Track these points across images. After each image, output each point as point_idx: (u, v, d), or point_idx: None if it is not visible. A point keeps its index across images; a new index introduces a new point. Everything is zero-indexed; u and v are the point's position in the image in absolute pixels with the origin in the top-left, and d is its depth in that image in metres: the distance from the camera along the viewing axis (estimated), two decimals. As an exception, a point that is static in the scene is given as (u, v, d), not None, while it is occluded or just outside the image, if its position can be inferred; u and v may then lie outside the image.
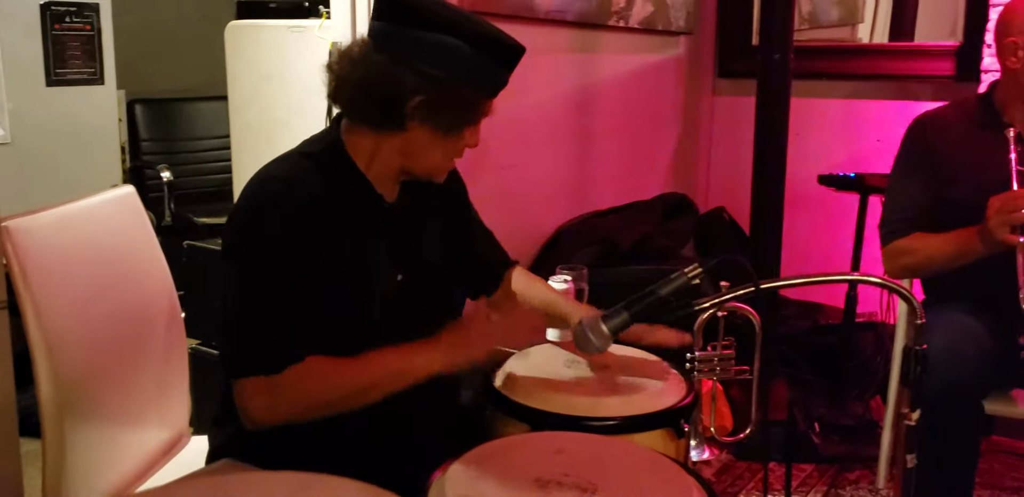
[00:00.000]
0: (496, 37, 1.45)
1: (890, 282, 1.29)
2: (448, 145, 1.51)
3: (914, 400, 1.28)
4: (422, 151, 1.50)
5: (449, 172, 1.69)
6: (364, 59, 1.45)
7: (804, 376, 3.26)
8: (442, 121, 1.46)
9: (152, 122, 4.35)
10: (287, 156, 1.53)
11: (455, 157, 1.56)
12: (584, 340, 1.37)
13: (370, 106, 1.47)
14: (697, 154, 4.03)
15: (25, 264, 1.50)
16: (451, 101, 1.44)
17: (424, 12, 1.42)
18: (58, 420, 1.53)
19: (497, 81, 1.48)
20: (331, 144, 1.53)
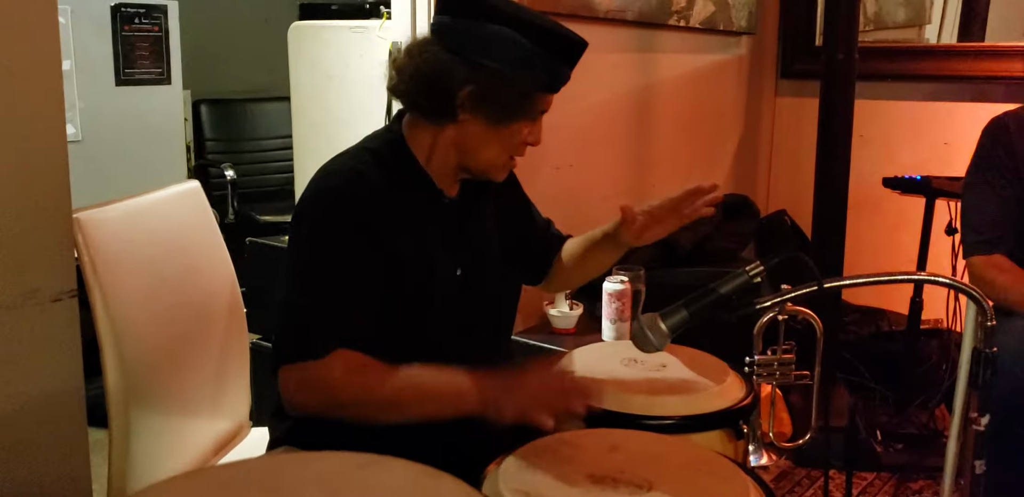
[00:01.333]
0: (555, 30, 1.44)
1: (959, 283, 1.26)
2: (503, 139, 1.49)
3: (983, 404, 1.24)
4: (476, 145, 1.49)
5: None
6: (421, 50, 1.47)
7: (866, 383, 3.19)
8: (493, 112, 1.45)
9: (217, 122, 4.43)
10: (350, 150, 1.55)
11: (514, 155, 1.54)
12: (642, 338, 1.36)
13: (424, 96, 1.47)
14: (758, 156, 3.98)
15: (95, 255, 1.54)
16: (502, 92, 1.43)
17: (483, 4, 1.42)
18: (124, 409, 1.56)
19: (554, 75, 1.46)
20: (393, 139, 1.54)
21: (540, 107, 1.49)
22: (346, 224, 1.44)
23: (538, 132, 1.53)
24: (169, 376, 1.70)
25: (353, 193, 1.45)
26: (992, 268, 2.15)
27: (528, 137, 1.51)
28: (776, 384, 1.96)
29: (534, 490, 1.15)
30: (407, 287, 1.48)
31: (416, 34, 2.54)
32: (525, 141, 1.52)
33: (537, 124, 1.52)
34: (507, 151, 1.52)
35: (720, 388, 1.51)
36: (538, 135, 1.53)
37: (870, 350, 3.25)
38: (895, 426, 3.01)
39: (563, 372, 1.45)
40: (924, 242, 3.00)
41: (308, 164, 3.19)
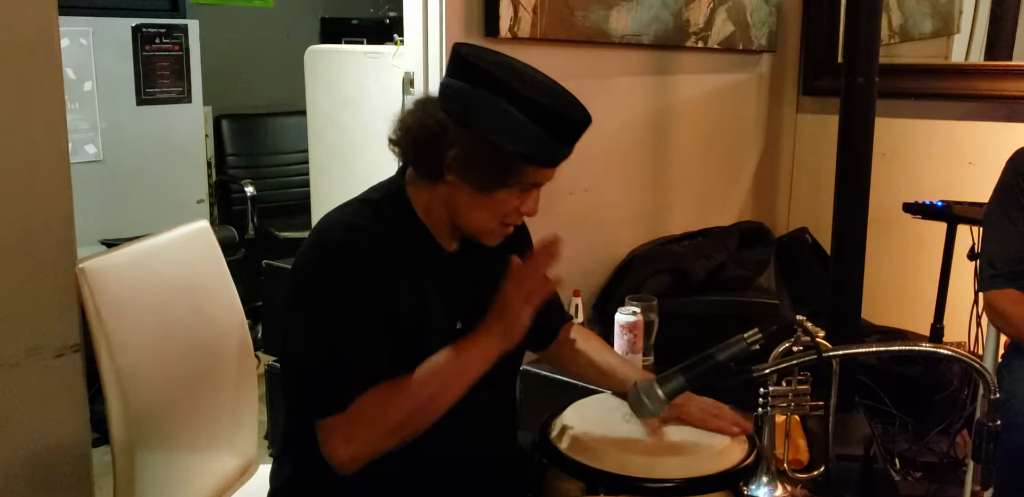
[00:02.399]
0: (554, 109, 1.41)
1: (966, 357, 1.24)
2: (489, 207, 1.47)
3: (986, 478, 1.22)
4: (464, 208, 1.48)
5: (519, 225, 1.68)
6: (421, 108, 1.48)
7: (886, 409, 3.15)
8: (477, 178, 1.44)
9: (237, 137, 4.45)
10: (350, 203, 1.55)
11: (507, 221, 1.52)
12: (639, 404, 1.35)
13: (416, 153, 1.47)
14: (779, 173, 3.94)
15: (100, 304, 1.55)
16: (486, 158, 1.41)
17: (485, 73, 1.40)
18: (129, 455, 1.57)
19: (548, 151, 1.44)
20: (394, 192, 1.54)
21: (532, 180, 1.46)
22: (347, 276, 1.43)
23: (532, 204, 1.50)
24: (176, 420, 1.70)
25: (352, 246, 1.45)
26: (1006, 301, 2.12)
27: (523, 207, 1.49)
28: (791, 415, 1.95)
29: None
30: (405, 340, 1.48)
31: (428, 62, 2.53)
32: (518, 211, 1.50)
33: (530, 196, 1.49)
34: (496, 217, 1.50)
35: (722, 447, 1.49)
36: (532, 206, 1.50)
37: (889, 373, 3.20)
38: (914, 453, 2.96)
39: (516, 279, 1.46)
40: (945, 267, 2.95)
41: (324, 185, 3.21)
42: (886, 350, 1.30)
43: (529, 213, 1.51)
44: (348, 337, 1.42)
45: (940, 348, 1.29)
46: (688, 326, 2.59)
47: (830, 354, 1.27)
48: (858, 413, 3.03)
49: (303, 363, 1.46)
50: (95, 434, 1.70)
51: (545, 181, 1.49)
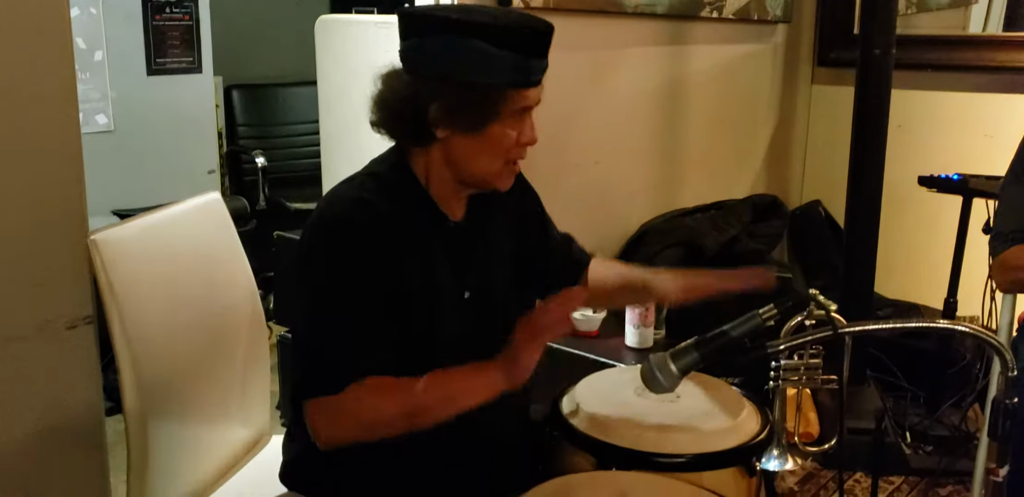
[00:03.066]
0: (507, 26, 1.39)
1: (983, 334, 1.22)
2: (489, 146, 1.44)
3: (1002, 456, 1.21)
4: (464, 158, 1.46)
5: (518, 184, 1.67)
6: (387, 81, 1.46)
7: (898, 383, 3.15)
8: (466, 121, 1.41)
9: (248, 107, 4.42)
10: (353, 178, 1.53)
11: (511, 159, 1.49)
12: (651, 379, 1.34)
13: (399, 124, 1.45)
14: (793, 146, 3.91)
15: (112, 276, 1.54)
16: (466, 98, 1.39)
17: (425, 18, 1.40)
18: (142, 425, 1.58)
19: (520, 69, 1.40)
20: (396, 163, 1.52)
21: (518, 104, 1.43)
22: (352, 253, 1.43)
23: (529, 131, 1.47)
24: (188, 391, 1.71)
25: (357, 221, 1.44)
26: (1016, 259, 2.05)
27: (521, 137, 1.46)
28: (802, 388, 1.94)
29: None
30: (414, 312, 1.47)
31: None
32: (518, 142, 1.46)
33: (523, 122, 1.45)
34: (500, 157, 1.47)
35: (734, 423, 1.49)
36: (531, 134, 1.47)
37: (902, 347, 3.19)
38: (925, 427, 2.97)
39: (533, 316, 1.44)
40: (960, 241, 2.93)
41: (334, 156, 3.19)
42: (902, 326, 1.29)
43: (529, 142, 1.47)
44: (348, 319, 1.42)
45: (957, 325, 1.27)
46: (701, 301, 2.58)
47: (846, 330, 1.26)
48: (870, 387, 3.03)
49: (303, 341, 1.46)
50: (108, 403, 1.71)
51: (533, 103, 1.45)
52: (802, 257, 3.77)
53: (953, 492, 2.71)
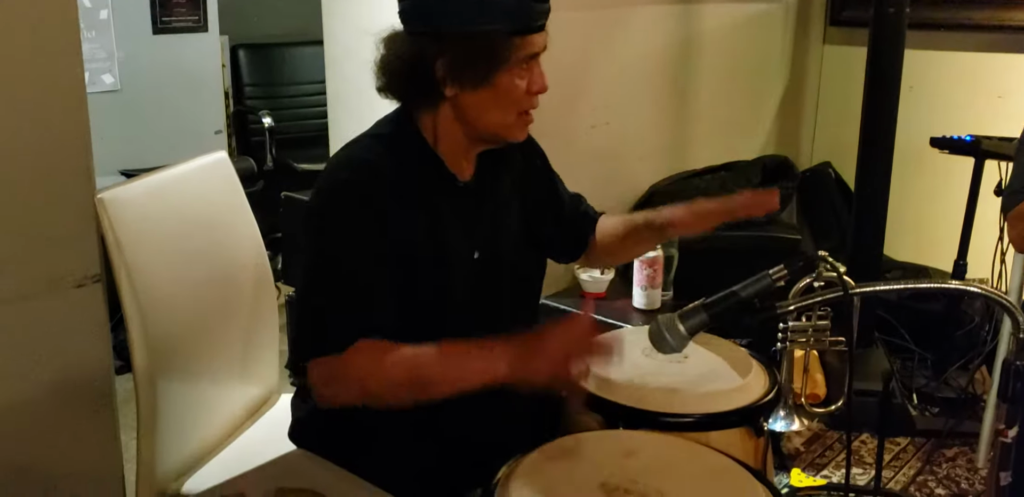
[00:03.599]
0: None
1: (995, 294, 1.21)
2: (499, 98, 1.42)
3: (1011, 417, 1.21)
4: (476, 113, 1.44)
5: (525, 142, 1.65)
6: (389, 43, 1.44)
7: (904, 344, 3.15)
8: (474, 74, 1.39)
9: (255, 67, 4.39)
10: (359, 139, 1.52)
11: (523, 109, 1.47)
12: (659, 339, 1.33)
13: (407, 86, 1.44)
14: (804, 107, 3.87)
15: (120, 235, 1.54)
16: (469, 50, 1.37)
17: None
18: (151, 385, 1.59)
19: (521, 12, 1.38)
20: (403, 123, 1.51)
21: (523, 51, 1.40)
22: (358, 215, 1.42)
23: (539, 78, 1.44)
24: (197, 349, 1.72)
25: (363, 183, 1.43)
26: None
27: (531, 86, 1.44)
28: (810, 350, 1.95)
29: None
30: (423, 273, 1.47)
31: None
32: (528, 91, 1.44)
33: (531, 70, 1.43)
34: (512, 108, 1.45)
35: (742, 383, 1.49)
36: (540, 82, 1.45)
37: (910, 309, 3.19)
38: (932, 389, 2.97)
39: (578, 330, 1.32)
40: (971, 203, 2.91)
41: (341, 117, 3.16)
42: (914, 287, 1.28)
43: (540, 90, 1.45)
44: (356, 279, 1.41)
45: (969, 285, 1.27)
46: (708, 261, 2.57)
47: (857, 291, 1.25)
48: (877, 349, 3.03)
49: (307, 302, 1.45)
50: (118, 362, 1.72)
51: (539, 49, 1.42)
52: (811, 219, 3.75)
53: (959, 453, 2.72)
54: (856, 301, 1.58)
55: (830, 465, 2.66)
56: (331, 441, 1.53)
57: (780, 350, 1.92)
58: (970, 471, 2.63)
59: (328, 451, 1.53)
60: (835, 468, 2.64)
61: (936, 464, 2.67)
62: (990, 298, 1.22)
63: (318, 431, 1.59)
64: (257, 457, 1.31)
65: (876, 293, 1.29)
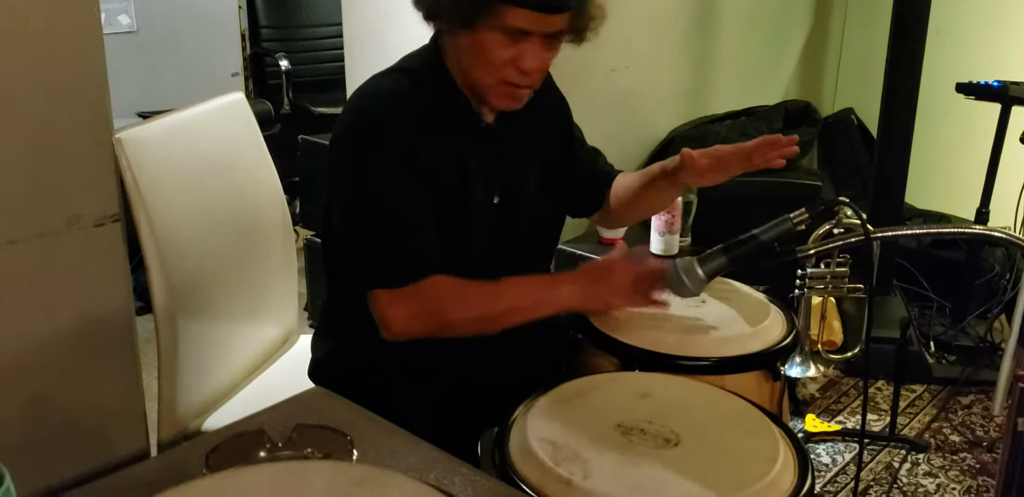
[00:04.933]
0: None
1: (1017, 239, 1.20)
2: (478, 53, 1.37)
3: (1028, 361, 1.20)
4: (460, 58, 1.42)
5: (551, 92, 1.63)
6: None
7: (923, 292, 3.14)
8: (456, 14, 1.35)
9: (271, 9, 4.32)
10: (387, 72, 1.50)
11: (505, 78, 1.40)
12: (677, 282, 1.33)
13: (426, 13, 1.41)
14: (827, 52, 3.80)
15: (138, 175, 1.54)
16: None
17: None
18: (171, 324, 1.61)
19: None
20: (429, 59, 1.48)
21: (511, 22, 1.34)
22: (391, 149, 1.40)
23: (530, 58, 1.37)
24: (216, 290, 1.73)
25: (393, 117, 1.41)
26: None
27: (519, 62, 1.37)
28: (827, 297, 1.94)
29: (561, 440, 1.16)
30: (447, 213, 1.46)
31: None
32: (514, 65, 1.38)
33: (522, 46, 1.37)
34: (492, 71, 1.39)
35: (759, 327, 1.49)
36: (530, 62, 1.37)
37: (929, 257, 3.18)
38: (950, 337, 2.97)
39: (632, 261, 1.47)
40: (996, 151, 2.87)
41: (358, 60, 3.13)
42: (936, 232, 1.27)
43: (528, 70, 1.38)
44: (401, 208, 1.40)
45: (991, 231, 1.25)
46: (727, 207, 2.55)
47: (877, 235, 1.24)
48: (895, 297, 3.02)
49: (354, 234, 1.44)
50: (139, 303, 1.73)
51: (531, 27, 1.35)
52: (833, 165, 3.71)
53: (975, 401, 2.73)
54: (876, 248, 1.56)
55: (845, 411, 2.67)
56: (349, 380, 1.54)
57: (798, 296, 1.92)
58: (985, 418, 2.63)
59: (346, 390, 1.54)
60: (850, 414, 2.66)
61: (951, 411, 2.67)
62: (1012, 244, 1.20)
63: (337, 370, 1.61)
64: (276, 396, 1.32)
65: (897, 238, 1.27)
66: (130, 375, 1.63)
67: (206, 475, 0.93)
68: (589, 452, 1.13)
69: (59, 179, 1.45)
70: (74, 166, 1.47)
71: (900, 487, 2.34)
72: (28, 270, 1.44)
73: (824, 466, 2.41)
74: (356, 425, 1.18)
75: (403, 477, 0.86)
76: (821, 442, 2.52)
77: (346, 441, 1.07)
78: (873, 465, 2.43)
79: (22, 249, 1.43)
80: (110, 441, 1.63)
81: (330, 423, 1.11)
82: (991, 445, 2.49)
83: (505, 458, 1.16)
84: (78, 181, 1.48)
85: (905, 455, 2.47)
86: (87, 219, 1.49)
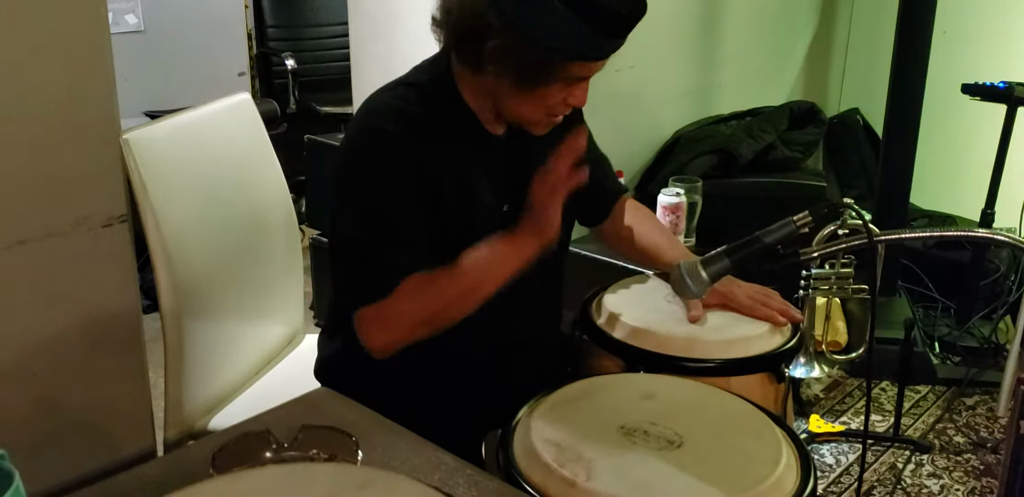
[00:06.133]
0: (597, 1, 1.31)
1: (1021, 243, 1.20)
2: (533, 100, 1.40)
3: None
4: (505, 98, 1.42)
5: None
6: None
7: (927, 293, 3.14)
8: (517, 73, 1.37)
9: (278, 8, 4.33)
10: (393, 86, 1.51)
11: (553, 113, 1.45)
12: (681, 284, 1.33)
13: (457, 40, 1.41)
14: (833, 52, 3.80)
15: (145, 176, 1.55)
16: (525, 54, 1.33)
17: None
18: (178, 323, 1.62)
19: (590, 45, 1.33)
20: (439, 74, 1.49)
21: (576, 74, 1.37)
22: (392, 165, 1.41)
23: (580, 94, 1.41)
24: (223, 289, 1.74)
25: (398, 134, 1.41)
26: None
27: (569, 98, 1.41)
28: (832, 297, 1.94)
29: (565, 441, 1.16)
30: (453, 224, 1.47)
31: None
32: (565, 102, 1.42)
33: (578, 87, 1.40)
34: (541, 110, 1.43)
35: (764, 329, 1.49)
36: (580, 97, 1.42)
37: (934, 258, 3.17)
38: (955, 338, 2.97)
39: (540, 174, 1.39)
40: (1002, 152, 2.87)
41: (364, 60, 3.14)
42: (940, 235, 1.27)
43: (577, 103, 1.43)
44: (391, 228, 1.41)
45: (996, 234, 1.25)
46: (732, 208, 2.56)
47: (882, 238, 1.24)
48: (900, 297, 3.03)
49: (348, 251, 1.45)
50: (146, 301, 1.74)
51: (592, 74, 1.40)
52: (837, 166, 3.71)
53: (979, 402, 2.73)
54: (880, 249, 1.56)
55: (849, 412, 2.68)
56: (355, 380, 1.55)
57: (802, 297, 1.92)
58: (990, 420, 2.63)
59: (352, 389, 1.55)
60: (854, 415, 2.66)
61: (956, 412, 2.68)
62: (1017, 247, 1.21)
63: (343, 370, 1.61)
64: (282, 395, 1.33)
65: (901, 241, 1.27)
66: (137, 374, 1.64)
67: (210, 478, 0.93)
68: (593, 453, 1.14)
69: (67, 180, 1.46)
70: (82, 167, 1.47)
71: (904, 488, 2.34)
72: (36, 270, 1.45)
73: (828, 467, 2.42)
74: (361, 426, 1.19)
75: (408, 480, 0.86)
76: (825, 443, 2.52)
77: (351, 442, 1.08)
78: (877, 466, 2.44)
79: (30, 250, 1.43)
80: (117, 440, 1.63)
81: (336, 424, 1.12)
82: (995, 446, 2.49)
83: (509, 459, 1.16)
84: (86, 182, 1.48)
85: (909, 456, 2.47)
86: (95, 220, 1.50)
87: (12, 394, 1.47)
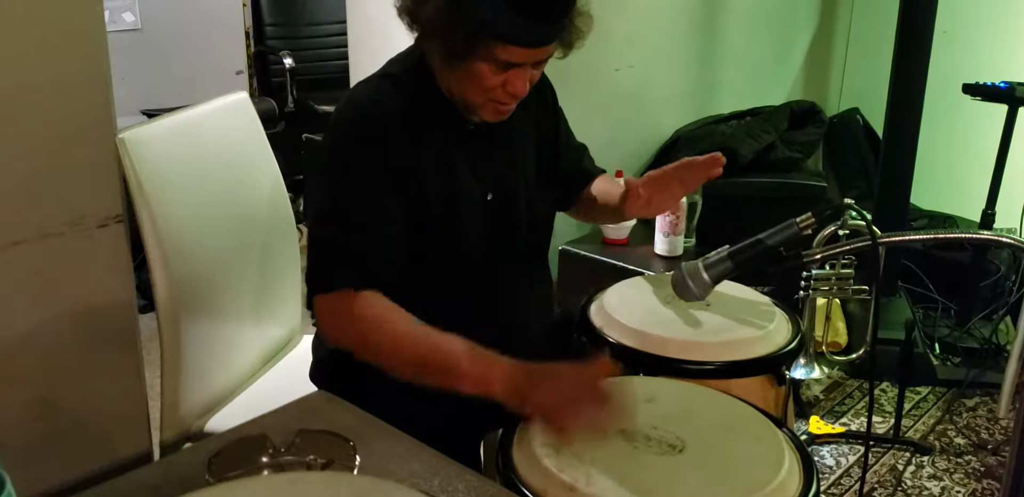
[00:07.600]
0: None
1: (1021, 243, 1.19)
2: (467, 79, 1.37)
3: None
4: (443, 76, 1.42)
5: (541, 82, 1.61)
6: None
7: (927, 294, 3.13)
8: (443, 47, 1.35)
9: (275, 7, 4.32)
10: (369, 80, 1.50)
11: (494, 98, 1.40)
12: (683, 286, 1.32)
13: (406, 10, 1.39)
14: (833, 52, 3.79)
15: (142, 175, 1.54)
16: (449, 28, 1.31)
17: None
18: (174, 323, 1.60)
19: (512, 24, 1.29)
20: (413, 64, 1.48)
21: (503, 57, 1.33)
22: (365, 158, 1.41)
23: (519, 83, 1.37)
24: (219, 289, 1.72)
25: (371, 125, 1.41)
26: None
27: (507, 86, 1.38)
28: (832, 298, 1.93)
29: (564, 446, 1.15)
30: (434, 215, 1.46)
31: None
32: (503, 88, 1.38)
33: (512, 73, 1.36)
34: (479, 91, 1.39)
35: (765, 332, 1.48)
36: (519, 86, 1.37)
37: (935, 259, 3.16)
38: (955, 339, 2.96)
39: (598, 378, 1.24)
40: (1002, 152, 2.86)
41: (362, 58, 3.13)
42: (942, 237, 1.26)
43: (515, 92, 1.38)
44: (358, 220, 1.40)
45: (997, 236, 1.24)
46: (732, 208, 2.55)
47: (884, 240, 1.23)
48: (900, 298, 3.02)
49: (315, 238, 1.44)
50: (142, 301, 1.73)
51: (521, 61, 1.35)
52: (837, 166, 3.70)
53: (980, 403, 2.72)
54: (881, 250, 1.55)
55: (849, 413, 2.67)
56: (350, 383, 1.53)
57: (803, 298, 1.91)
58: (990, 421, 2.63)
59: (346, 392, 1.54)
60: (854, 416, 2.65)
61: (956, 414, 2.67)
62: (1018, 248, 1.20)
63: (337, 372, 1.60)
64: (279, 396, 1.32)
65: (904, 243, 1.26)
66: (133, 374, 1.63)
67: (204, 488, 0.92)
68: (593, 458, 1.13)
69: (62, 179, 1.45)
70: (77, 167, 1.46)
71: (904, 490, 2.33)
72: (32, 271, 1.44)
73: (828, 468, 2.41)
74: (359, 430, 1.18)
75: (406, 489, 0.85)
76: (825, 444, 2.51)
77: (349, 447, 1.07)
78: (877, 467, 2.43)
79: (26, 250, 1.42)
80: (113, 441, 1.62)
81: (333, 428, 1.11)
82: (996, 448, 2.48)
83: (509, 464, 1.15)
84: (81, 182, 1.47)
85: (909, 458, 2.46)
86: (90, 220, 1.49)
87: (8, 394, 1.46)
